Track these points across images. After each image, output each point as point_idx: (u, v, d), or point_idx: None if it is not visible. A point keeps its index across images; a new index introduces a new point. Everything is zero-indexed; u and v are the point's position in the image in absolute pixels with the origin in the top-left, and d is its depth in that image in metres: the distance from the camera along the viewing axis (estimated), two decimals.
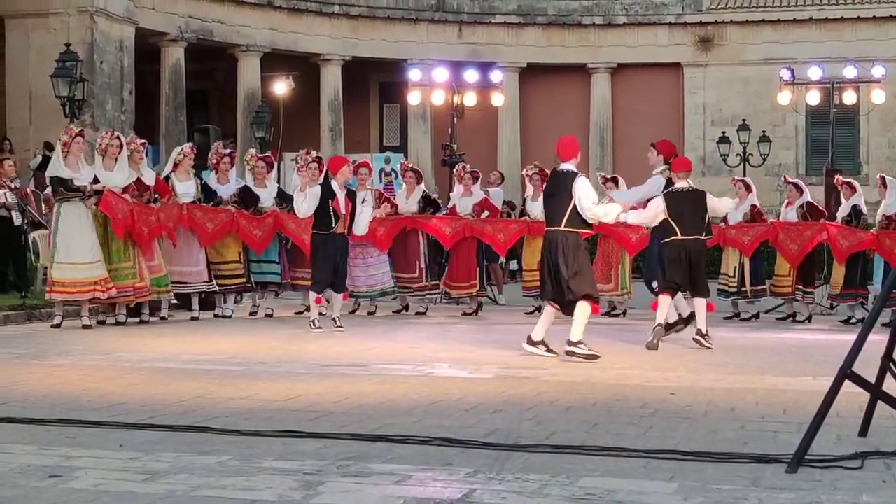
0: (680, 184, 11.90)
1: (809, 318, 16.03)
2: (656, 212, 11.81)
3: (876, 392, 5.98)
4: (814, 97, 27.21)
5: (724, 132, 33.39)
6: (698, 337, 11.69)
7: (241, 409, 7.15)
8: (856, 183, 16.55)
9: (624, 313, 16.24)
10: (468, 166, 17.31)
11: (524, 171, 17.28)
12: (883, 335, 6.16)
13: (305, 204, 13.23)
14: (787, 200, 16.77)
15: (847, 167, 30.64)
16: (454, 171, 17.89)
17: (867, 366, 5.84)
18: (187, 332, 12.88)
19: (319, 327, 12.98)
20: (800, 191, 16.63)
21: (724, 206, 12.74)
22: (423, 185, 16.85)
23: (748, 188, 16.65)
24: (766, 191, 21.88)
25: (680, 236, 11.72)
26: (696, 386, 8.65)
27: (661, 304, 11.78)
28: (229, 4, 32.62)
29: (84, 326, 13.03)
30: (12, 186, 16.01)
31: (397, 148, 35.74)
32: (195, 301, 14.83)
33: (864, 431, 6.26)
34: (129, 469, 5.33)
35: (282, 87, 32.62)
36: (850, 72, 25.93)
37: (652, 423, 6.79)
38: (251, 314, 15.32)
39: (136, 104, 28.81)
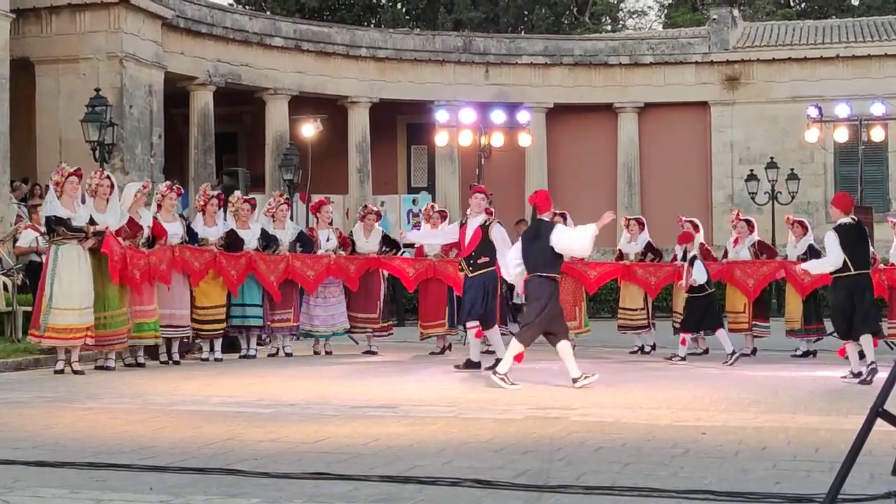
0: (843, 219, 12.12)
1: (754, 352, 16.18)
2: (837, 251, 12.01)
3: None
4: (842, 134, 27.10)
5: (752, 170, 33.34)
6: (849, 377, 12.17)
7: (270, 451, 7.14)
8: (807, 222, 16.66)
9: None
10: (437, 206, 17.39)
11: (623, 219, 17.66)
12: None
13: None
14: (735, 237, 16.71)
15: (876, 204, 30.58)
16: (422, 210, 17.87)
17: None
18: (215, 375, 12.89)
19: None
20: (751, 228, 16.63)
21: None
22: (379, 226, 16.79)
23: (804, 228, 16.55)
24: None
25: (853, 271, 11.95)
26: (727, 425, 8.59)
27: (850, 350, 12.24)
28: (257, 48, 32.92)
29: (75, 372, 12.73)
30: (43, 231, 16.10)
31: (425, 189, 35.87)
32: (218, 344, 14.93)
33: None
34: None
35: (310, 130, 32.68)
36: (877, 108, 25.87)
37: (683, 463, 6.74)
38: (241, 357, 15.24)
39: (165, 148, 29.09)
